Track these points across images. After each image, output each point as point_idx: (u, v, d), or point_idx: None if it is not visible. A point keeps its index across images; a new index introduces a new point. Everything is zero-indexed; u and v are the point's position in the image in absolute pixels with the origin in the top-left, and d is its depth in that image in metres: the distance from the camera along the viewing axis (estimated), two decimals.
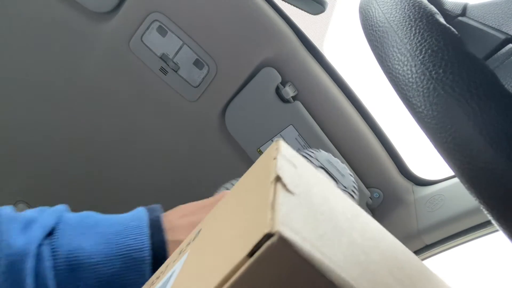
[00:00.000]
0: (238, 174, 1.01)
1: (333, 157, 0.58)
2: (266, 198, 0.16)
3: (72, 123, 0.94)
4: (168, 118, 0.91)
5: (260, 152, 0.91)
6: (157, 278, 0.24)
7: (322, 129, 0.86)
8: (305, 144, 0.88)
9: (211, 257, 0.17)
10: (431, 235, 0.84)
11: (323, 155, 0.58)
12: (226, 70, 0.84)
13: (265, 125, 0.89)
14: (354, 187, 0.56)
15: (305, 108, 0.86)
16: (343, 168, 0.57)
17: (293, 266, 0.13)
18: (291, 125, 0.87)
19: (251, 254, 0.13)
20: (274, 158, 0.20)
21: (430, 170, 0.91)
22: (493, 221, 0.24)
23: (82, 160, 0.97)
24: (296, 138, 0.88)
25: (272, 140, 0.90)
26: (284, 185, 0.17)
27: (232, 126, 0.90)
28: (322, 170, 0.52)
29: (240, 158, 0.93)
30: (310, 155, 0.57)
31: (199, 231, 0.24)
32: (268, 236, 0.13)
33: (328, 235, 0.15)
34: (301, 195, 0.17)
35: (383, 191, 0.90)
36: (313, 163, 0.54)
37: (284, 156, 0.20)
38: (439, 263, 0.90)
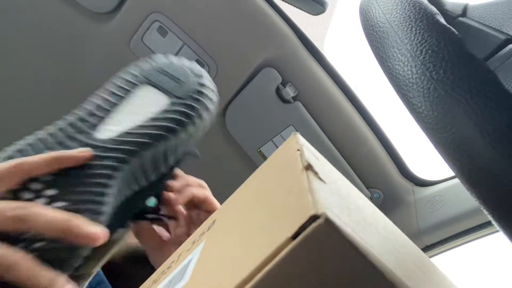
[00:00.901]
0: (238, 174, 1.01)
1: (176, 61, 0.43)
2: (300, 184, 0.16)
3: None
4: None
5: (260, 152, 0.91)
6: (168, 267, 0.24)
7: (322, 129, 0.86)
8: None
9: (243, 242, 0.17)
10: (432, 236, 0.84)
11: (157, 61, 0.43)
12: (227, 71, 0.84)
13: (265, 125, 0.89)
14: (200, 92, 0.40)
15: (305, 108, 0.86)
16: (184, 72, 0.41)
17: (336, 248, 0.13)
18: (291, 126, 0.87)
19: (295, 236, 0.13)
20: (298, 150, 0.21)
21: (431, 171, 0.91)
22: (493, 222, 0.24)
23: None
24: None
25: (272, 141, 0.90)
26: (315, 173, 0.17)
27: (232, 126, 0.90)
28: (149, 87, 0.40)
29: (240, 158, 0.93)
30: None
31: (213, 221, 0.24)
32: (313, 218, 0.13)
33: (362, 223, 0.15)
34: (331, 184, 0.17)
35: (383, 191, 0.90)
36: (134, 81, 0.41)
37: (307, 148, 0.20)
38: (439, 263, 0.90)
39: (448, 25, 0.25)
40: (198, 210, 0.47)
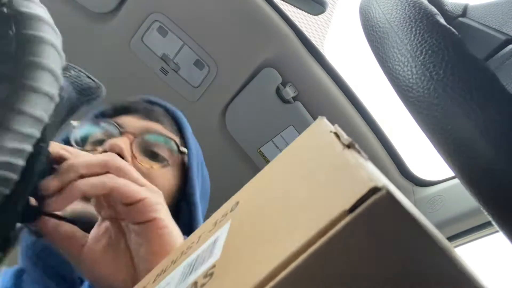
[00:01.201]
0: (238, 174, 1.01)
1: None
2: (346, 161, 0.16)
3: None
4: None
5: (260, 152, 0.91)
6: (188, 248, 0.24)
7: None
8: None
9: (285, 219, 0.17)
10: None
11: None
12: (227, 71, 0.84)
13: (266, 125, 0.89)
14: None
15: (306, 108, 0.86)
16: None
17: (396, 221, 0.13)
18: (291, 126, 0.87)
19: (352, 209, 0.13)
20: (331, 131, 0.20)
21: (431, 171, 0.91)
22: (493, 222, 0.24)
23: None
24: None
25: (272, 141, 0.90)
26: (359, 151, 0.17)
27: (232, 127, 0.90)
28: None
29: (240, 158, 0.93)
30: None
31: (236, 203, 0.24)
32: (374, 190, 0.13)
33: (407, 201, 0.15)
34: (371, 164, 0.17)
35: None
36: None
37: (340, 130, 0.20)
38: None
39: (448, 26, 0.25)
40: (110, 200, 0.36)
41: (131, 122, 0.53)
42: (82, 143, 0.53)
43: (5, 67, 0.22)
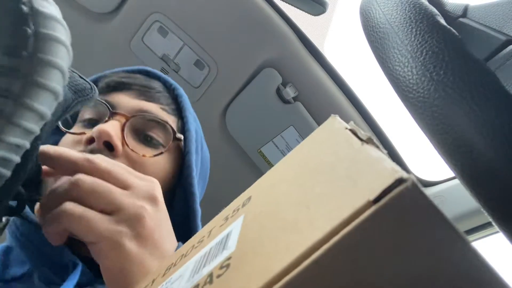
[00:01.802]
0: (239, 174, 1.01)
1: None
2: (367, 154, 0.16)
3: None
4: None
5: (261, 153, 0.91)
6: (200, 242, 0.24)
7: None
8: None
9: (305, 211, 0.16)
10: None
11: None
12: (227, 71, 0.84)
13: (266, 126, 0.89)
14: None
15: (306, 109, 0.86)
16: None
17: (422, 212, 0.13)
18: (291, 126, 0.87)
19: (377, 199, 0.13)
20: (346, 128, 0.21)
21: (431, 171, 0.91)
22: (493, 223, 0.24)
23: None
24: (296, 139, 0.88)
25: (272, 141, 0.90)
26: (377, 146, 0.17)
27: (232, 127, 0.90)
28: None
29: (241, 158, 0.93)
30: None
31: (249, 198, 0.23)
32: (399, 181, 0.13)
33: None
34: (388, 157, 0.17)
35: None
36: None
37: (356, 127, 0.20)
38: None
39: (449, 26, 0.25)
40: None
41: (124, 101, 0.49)
42: (72, 121, 0.50)
43: (20, 62, 0.22)
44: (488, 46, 0.28)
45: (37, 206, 0.35)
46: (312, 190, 0.18)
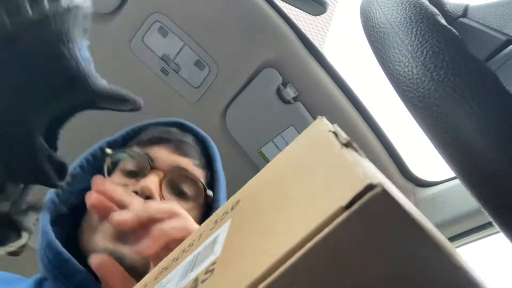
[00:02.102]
0: (239, 175, 1.01)
1: None
2: (344, 159, 0.17)
3: (71, 123, 0.94)
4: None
5: (261, 153, 0.91)
6: (190, 245, 0.24)
7: None
8: None
9: (284, 216, 0.17)
10: None
11: None
12: (227, 71, 0.84)
13: (266, 126, 0.89)
14: None
15: (306, 109, 0.86)
16: None
17: (393, 218, 0.13)
18: (291, 126, 0.87)
19: (348, 205, 0.13)
20: (330, 131, 0.21)
21: (431, 172, 0.91)
22: (494, 223, 0.24)
23: None
24: None
25: (272, 142, 0.90)
26: (356, 150, 0.18)
27: (232, 127, 0.90)
28: None
29: (241, 158, 0.93)
30: None
31: (237, 201, 0.24)
32: (370, 187, 0.13)
33: (402, 197, 0.15)
34: (369, 162, 0.17)
35: None
36: None
37: (339, 129, 0.21)
38: None
39: (449, 26, 0.25)
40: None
41: (162, 155, 0.55)
42: (113, 170, 0.56)
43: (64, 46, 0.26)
44: (489, 46, 0.28)
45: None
46: (292, 194, 0.18)
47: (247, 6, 0.79)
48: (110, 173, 0.55)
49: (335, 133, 0.20)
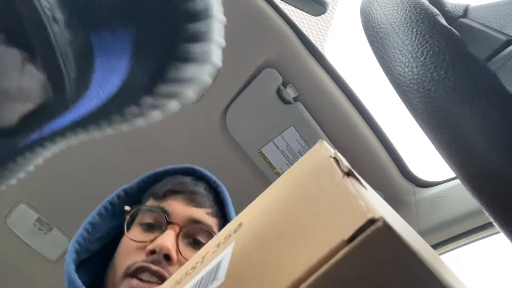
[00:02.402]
0: (239, 175, 1.00)
1: None
2: (346, 189, 0.17)
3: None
4: (169, 119, 0.91)
5: (261, 153, 0.91)
6: (193, 268, 0.25)
7: (323, 130, 0.86)
8: (306, 145, 0.88)
9: (287, 244, 0.17)
10: (432, 237, 0.84)
11: None
12: (227, 71, 0.84)
13: (266, 126, 0.89)
14: None
15: (306, 109, 0.86)
16: None
17: (394, 252, 0.14)
18: (292, 126, 0.87)
19: (351, 239, 0.14)
20: (331, 157, 0.21)
21: (432, 172, 0.91)
22: (494, 223, 0.24)
23: (83, 162, 0.97)
24: (297, 140, 0.88)
25: (273, 142, 0.90)
26: (358, 179, 0.18)
27: (233, 127, 0.90)
28: None
29: (241, 159, 0.93)
30: None
31: (239, 224, 0.24)
32: (371, 221, 0.13)
33: (405, 228, 0.15)
34: (370, 191, 0.18)
35: (384, 192, 0.90)
36: None
37: (339, 155, 0.21)
38: None
39: (449, 26, 0.25)
40: None
41: (177, 208, 0.59)
42: (132, 223, 0.60)
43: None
44: (489, 46, 0.28)
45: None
46: (296, 221, 0.19)
47: (247, 7, 0.79)
48: (129, 226, 0.59)
49: (336, 159, 0.21)
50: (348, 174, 0.18)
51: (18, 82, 0.22)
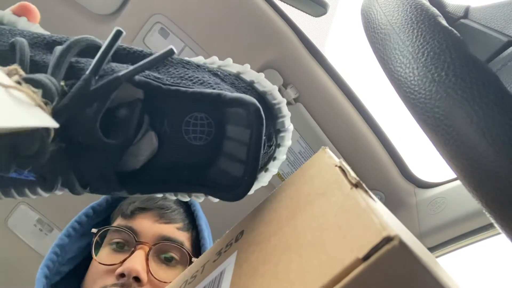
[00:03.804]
0: None
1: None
2: (356, 203, 0.16)
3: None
4: None
5: None
6: (193, 277, 0.24)
7: (323, 131, 0.86)
8: (307, 146, 0.88)
9: (295, 258, 0.17)
10: (433, 238, 0.84)
11: None
12: None
13: None
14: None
15: (307, 110, 0.85)
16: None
17: (409, 271, 0.13)
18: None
19: (366, 257, 0.13)
20: (336, 166, 0.21)
21: (432, 173, 0.91)
22: (495, 224, 0.24)
23: None
24: (297, 140, 0.88)
25: None
26: (366, 191, 0.17)
27: None
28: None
29: None
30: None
31: (241, 232, 0.23)
32: (387, 239, 0.13)
33: (415, 243, 0.15)
34: (378, 203, 0.17)
35: (384, 193, 0.90)
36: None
37: (345, 164, 0.20)
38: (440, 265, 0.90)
39: (450, 27, 0.25)
40: None
41: (145, 227, 0.57)
42: (101, 243, 0.59)
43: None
44: (490, 47, 0.28)
45: None
46: (303, 234, 0.18)
47: (248, 8, 0.79)
48: (99, 247, 0.58)
49: (342, 169, 0.20)
50: (357, 185, 0.18)
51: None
